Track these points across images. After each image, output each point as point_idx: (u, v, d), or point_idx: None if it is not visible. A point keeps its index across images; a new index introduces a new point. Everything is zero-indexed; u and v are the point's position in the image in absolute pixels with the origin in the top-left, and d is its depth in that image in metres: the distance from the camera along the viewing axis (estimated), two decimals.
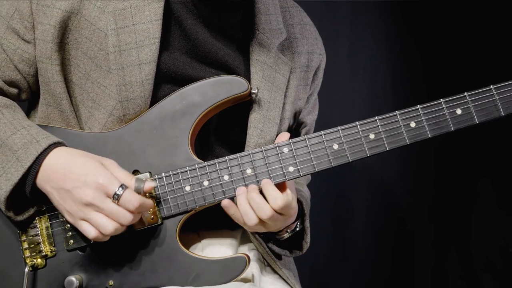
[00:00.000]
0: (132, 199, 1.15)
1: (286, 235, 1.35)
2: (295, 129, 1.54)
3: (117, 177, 1.17)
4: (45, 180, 1.18)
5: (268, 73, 1.36)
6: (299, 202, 1.39)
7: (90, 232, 1.16)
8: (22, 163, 1.17)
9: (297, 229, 1.35)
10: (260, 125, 1.34)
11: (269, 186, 1.21)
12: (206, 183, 1.25)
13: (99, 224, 1.15)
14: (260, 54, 1.36)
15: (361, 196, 2.71)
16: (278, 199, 1.19)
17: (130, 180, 1.18)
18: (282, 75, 1.38)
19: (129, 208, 1.15)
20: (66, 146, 1.23)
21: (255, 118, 1.34)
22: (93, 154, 1.22)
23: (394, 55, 2.74)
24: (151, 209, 1.24)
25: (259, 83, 1.34)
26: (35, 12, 1.25)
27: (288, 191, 1.22)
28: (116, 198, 1.14)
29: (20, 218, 1.23)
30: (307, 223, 1.39)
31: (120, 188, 1.15)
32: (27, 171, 1.17)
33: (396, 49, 2.74)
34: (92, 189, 1.14)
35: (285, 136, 1.27)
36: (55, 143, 1.20)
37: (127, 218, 1.16)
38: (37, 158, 1.17)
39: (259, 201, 1.19)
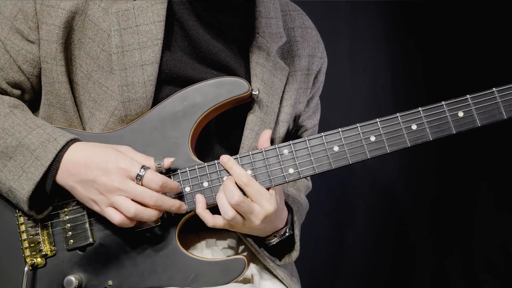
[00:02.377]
0: (155, 177, 1.17)
1: (274, 241, 1.34)
2: (295, 133, 1.54)
3: (137, 159, 1.19)
4: (66, 176, 1.19)
5: (267, 77, 1.36)
6: (290, 208, 1.39)
7: (114, 217, 1.17)
8: (42, 161, 1.18)
9: (287, 234, 1.34)
10: (256, 128, 1.34)
11: (233, 165, 1.23)
12: (206, 184, 1.25)
13: (122, 206, 1.16)
14: (259, 57, 1.36)
15: (361, 197, 2.71)
16: (242, 176, 1.20)
17: (149, 161, 1.20)
18: (279, 80, 1.39)
19: (153, 187, 1.17)
20: (81, 141, 1.24)
21: (251, 121, 1.34)
22: (109, 144, 1.23)
23: (394, 55, 2.73)
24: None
25: (259, 85, 1.34)
26: (40, 12, 1.25)
27: (272, 191, 1.23)
28: (139, 179, 1.16)
29: (41, 216, 1.25)
30: (297, 230, 1.37)
31: (142, 169, 1.17)
32: (47, 169, 1.18)
33: (396, 49, 2.74)
34: (115, 175, 1.16)
35: (267, 133, 1.26)
36: (72, 139, 1.22)
37: (152, 197, 1.17)
38: (56, 155, 1.19)
39: (229, 185, 1.20)
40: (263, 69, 1.35)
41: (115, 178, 1.16)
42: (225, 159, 1.23)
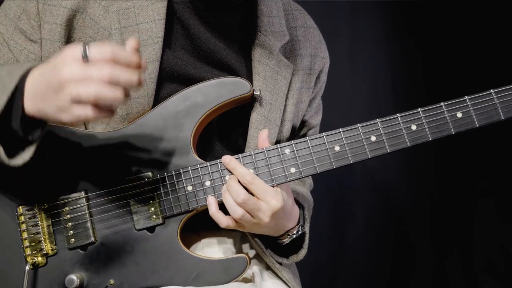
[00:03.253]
0: (102, 49, 1.01)
1: (287, 240, 1.35)
2: (298, 131, 1.54)
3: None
4: (32, 99, 1.08)
5: (270, 75, 1.36)
6: (301, 207, 1.39)
7: (80, 112, 1.02)
8: (7, 85, 1.08)
9: (299, 232, 1.35)
10: (261, 126, 1.34)
11: (236, 164, 1.23)
12: (208, 183, 1.25)
13: (81, 93, 0.99)
14: (262, 55, 1.36)
15: (362, 197, 2.71)
16: (246, 175, 1.20)
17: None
18: (283, 77, 1.39)
19: (104, 61, 1.00)
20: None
21: (256, 120, 1.34)
22: None
23: (394, 55, 2.74)
24: (151, 208, 1.25)
25: (261, 84, 1.34)
26: (42, 11, 1.26)
27: (278, 188, 1.23)
28: (85, 56, 1.00)
29: (14, 162, 1.12)
30: (307, 228, 1.38)
31: (85, 46, 1.01)
32: (12, 93, 1.08)
33: (396, 49, 2.74)
34: (61, 65, 1.01)
35: (264, 133, 1.27)
36: (34, 66, 1.10)
37: (104, 71, 0.99)
38: (20, 79, 1.08)
39: (234, 184, 1.20)
40: (265, 68, 1.36)
41: (62, 68, 1.01)
42: (227, 159, 1.24)
